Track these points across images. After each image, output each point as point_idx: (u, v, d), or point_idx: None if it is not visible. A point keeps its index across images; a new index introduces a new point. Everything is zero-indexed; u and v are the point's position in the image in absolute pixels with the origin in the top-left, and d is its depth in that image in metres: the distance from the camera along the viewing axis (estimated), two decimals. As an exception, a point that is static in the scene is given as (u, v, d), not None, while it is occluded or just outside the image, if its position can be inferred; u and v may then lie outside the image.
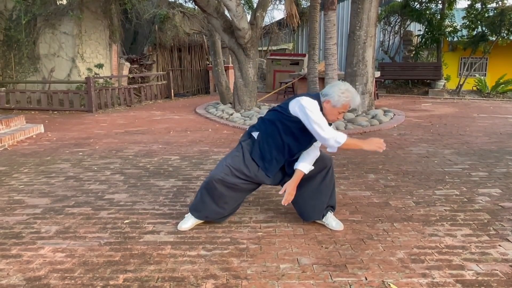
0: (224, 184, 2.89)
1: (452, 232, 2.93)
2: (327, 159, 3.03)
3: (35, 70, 11.42)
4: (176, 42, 15.06)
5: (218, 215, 3.03)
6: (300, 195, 3.02)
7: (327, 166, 3.00)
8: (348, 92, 2.69)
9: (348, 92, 2.69)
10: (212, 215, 3.02)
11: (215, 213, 3.01)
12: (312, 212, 3.03)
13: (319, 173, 2.98)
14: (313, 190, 2.99)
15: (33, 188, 4.09)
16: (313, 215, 3.04)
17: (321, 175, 2.99)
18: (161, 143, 6.20)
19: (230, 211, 3.08)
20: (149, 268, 2.47)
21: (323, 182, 3.00)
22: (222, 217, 3.08)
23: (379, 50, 15.42)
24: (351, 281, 2.30)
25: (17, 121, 7.06)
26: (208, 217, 3.04)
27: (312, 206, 3.01)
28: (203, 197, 2.98)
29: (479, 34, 12.93)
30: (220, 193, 2.91)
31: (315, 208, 3.00)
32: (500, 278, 2.31)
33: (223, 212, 3.02)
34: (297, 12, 12.15)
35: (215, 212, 3.00)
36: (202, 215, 3.03)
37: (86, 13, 11.51)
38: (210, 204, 2.97)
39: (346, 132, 6.84)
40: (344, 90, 2.69)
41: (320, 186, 3.00)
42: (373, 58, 8.63)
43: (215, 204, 2.96)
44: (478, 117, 8.56)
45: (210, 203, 2.97)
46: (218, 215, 3.04)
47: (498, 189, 3.87)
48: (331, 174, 3.04)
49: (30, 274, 2.41)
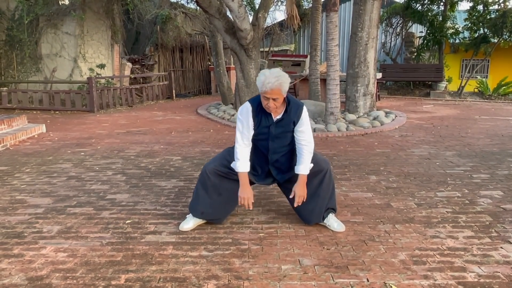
0: (217, 173, 2.95)
1: (454, 234, 2.93)
2: (323, 162, 3.01)
3: (37, 70, 11.44)
4: (178, 43, 15.07)
5: (213, 210, 3.00)
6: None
7: (323, 170, 2.98)
8: (260, 75, 2.69)
9: (260, 75, 2.69)
10: (207, 210, 3.00)
11: (209, 206, 2.98)
12: (310, 215, 3.03)
13: (315, 177, 2.97)
14: (311, 194, 2.97)
15: (35, 187, 4.10)
16: (312, 218, 3.04)
17: (318, 179, 2.98)
18: (162, 144, 6.20)
19: (224, 207, 3.05)
20: (151, 268, 2.47)
21: (320, 185, 2.99)
22: (217, 214, 3.04)
23: (380, 52, 15.42)
24: (352, 282, 2.30)
25: (19, 121, 7.08)
26: (204, 213, 3.01)
27: (311, 210, 3.01)
28: (198, 191, 3.03)
29: (481, 36, 12.93)
30: (213, 183, 2.96)
31: (314, 211, 3.00)
32: (502, 280, 2.31)
33: (217, 206, 3.00)
34: (297, 13, 12.13)
35: (209, 205, 2.98)
36: (198, 211, 3.02)
37: (88, 13, 11.53)
38: (203, 197, 2.98)
39: (348, 133, 6.85)
40: (260, 74, 2.70)
41: (318, 190, 2.98)
42: (375, 60, 8.63)
43: (208, 197, 2.97)
44: (479, 119, 8.55)
45: (203, 196, 2.98)
46: (213, 211, 3.00)
47: (500, 191, 3.87)
48: (329, 177, 3.02)
49: (32, 274, 2.41)
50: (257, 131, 2.88)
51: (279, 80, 2.63)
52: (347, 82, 8.72)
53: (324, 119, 7.60)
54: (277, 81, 2.62)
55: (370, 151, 5.58)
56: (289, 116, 2.82)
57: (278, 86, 2.63)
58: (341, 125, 7.17)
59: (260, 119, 2.84)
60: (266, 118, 2.84)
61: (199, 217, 3.05)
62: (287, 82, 2.70)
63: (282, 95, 2.70)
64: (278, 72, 2.67)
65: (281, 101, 2.73)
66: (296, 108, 2.83)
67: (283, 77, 2.66)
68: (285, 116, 2.83)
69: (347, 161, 5.05)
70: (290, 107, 2.82)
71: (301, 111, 2.83)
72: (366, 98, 8.50)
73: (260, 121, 2.84)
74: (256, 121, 2.84)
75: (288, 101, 2.82)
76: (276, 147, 2.92)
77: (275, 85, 2.62)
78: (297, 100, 2.91)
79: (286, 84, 2.68)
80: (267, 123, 2.85)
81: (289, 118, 2.83)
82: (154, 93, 12.85)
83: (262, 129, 2.86)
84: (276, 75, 2.63)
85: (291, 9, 11.76)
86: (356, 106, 8.49)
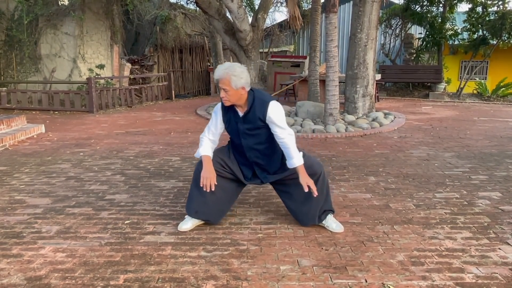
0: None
1: (452, 235, 2.94)
2: (317, 165, 3.00)
3: (37, 70, 11.44)
4: (177, 43, 15.09)
5: (206, 208, 2.98)
6: (293, 201, 3.05)
7: (317, 173, 2.97)
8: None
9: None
10: (201, 209, 2.99)
11: (203, 205, 2.97)
12: (306, 218, 3.03)
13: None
14: (305, 196, 2.95)
15: (34, 188, 4.10)
16: (307, 221, 3.04)
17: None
18: (162, 144, 6.20)
19: (218, 207, 3.04)
20: (149, 268, 2.47)
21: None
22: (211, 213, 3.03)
23: (380, 53, 15.45)
24: (351, 283, 2.31)
25: (18, 121, 7.08)
26: (198, 212, 3.00)
27: (305, 213, 3.01)
28: (191, 190, 3.05)
29: (480, 37, 12.96)
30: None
31: (309, 214, 3.00)
32: (500, 281, 2.32)
33: (211, 204, 2.98)
34: (299, 14, 12.15)
35: (203, 203, 2.97)
36: (192, 210, 3.02)
37: (88, 13, 11.54)
38: (197, 196, 2.98)
39: (347, 134, 6.86)
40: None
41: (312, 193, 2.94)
42: (374, 61, 8.64)
43: (201, 195, 2.96)
44: (478, 120, 8.57)
45: (197, 195, 2.98)
46: (207, 210, 2.99)
47: (498, 192, 3.88)
48: (323, 180, 3.01)
49: (30, 274, 2.41)
50: (229, 129, 3.00)
51: (228, 72, 2.74)
52: (346, 83, 8.73)
53: (323, 120, 7.61)
54: (225, 72, 2.75)
55: (369, 152, 5.59)
56: (254, 112, 2.85)
57: (225, 77, 2.74)
58: (340, 126, 7.18)
59: (230, 116, 2.95)
60: (234, 114, 2.94)
61: (194, 216, 3.04)
62: (239, 77, 2.74)
63: (232, 88, 2.75)
64: (232, 66, 2.78)
65: (234, 94, 2.78)
66: (260, 103, 2.84)
67: (234, 71, 2.74)
68: (250, 112, 2.87)
69: (346, 162, 5.06)
70: (255, 104, 2.84)
71: (266, 107, 2.82)
72: (365, 99, 8.51)
73: (230, 118, 2.95)
74: (226, 117, 2.96)
75: (253, 98, 2.85)
76: (250, 144, 2.94)
77: (222, 75, 2.75)
78: (265, 97, 2.90)
79: (235, 77, 2.73)
80: (235, 119, 2.94)
81: (254, 114, 2.85)
82: (154, 93, 12.85)
83: (232, 125, 2.96)
84: (227, 67, 2.78)
85: (294, 10, 11.77)
86: (355, 107, 8.50)
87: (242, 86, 2.77)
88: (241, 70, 2.76)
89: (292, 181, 2.98)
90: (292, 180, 2.97)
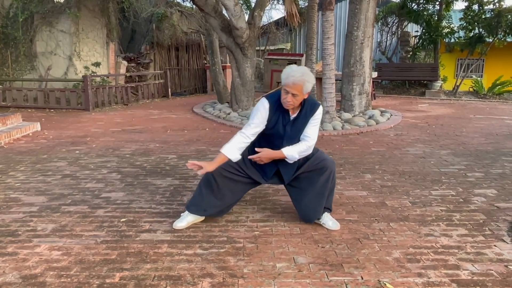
0: (222, 175, 2.94)
1: (448, 232, 2.95)
2: (330, 162, 3.03)
3: (32, 68, 11.38)
4: (173, 41, 15.02)
5: (216, 208, 3.03)
6: (303, 197, 3.03)
7: (329, 168, 2.99)
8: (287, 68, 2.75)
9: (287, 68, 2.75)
10: (210, 209, 3.01)
11: (214, 206, 3.00)
12: (313, 214, 3.03)
13: (321, 176, 2.98)
14: (317, 192, 2.99)
15: (29, 186, 4.08)
16: (313, 217, 3.05)
17: (324, 178, 2.98)
18: (158, 142, 6.19)
19: (227, 205, 3.08)
20: (145, 266, 2.47)
21: (325, 184, 3.00)
22: (219, 211, 3.07)
23: (376, 51, 15.44)
24: (347, 280, 2.31)
25: (13, 119, 7.04)
26: (206, 210, 3.02)
27: (313, 208, 3.02)
28: (202, 190, 3.01)
29: (476, 35, 12.99)
30: (218, 184, 2.95)
31: (316, 210, 3.02)
32: (495, 278, 2.33)
33: (221, 204, 3.02)
34: (297, 11, 12.13)
35: (214, 204, 3.00)
36: (200, 208, 3.02)
37: (84, 11, 11.47)
38: (208, 196, 2.98)
39: (343, 132, 6.86)
40: (287, 67, 2.75)
41: (322, 189, 2.99)
42: (371, 59, 8.64)
43: (213, 196, 2.98)
44: (474, 118, 8.60)
45: (209, 195, 2.98)
46: (216, 208, 3.03)
47: (494, 189, 3.89)
48: (333, 177, 3.04)
49: (26, 272, 2.40)
50: (272, 130, 2.88)
51: (304, 77, 2.66)
52: (342, 81, 8.73)
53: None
54: (302, 77, 2.66)
55: (365, 150, 5.60)
56: (305, 114, 2.86)
57: (300, 83, 2.66)
58: (336, 124, 7.18)
59: (278, 118, 2.86)
60: (284, 116, 2.86)
61: (202, 214, 3.05)
62: (311, 83, 2.72)
63: (303, 94, 2.73)
64: (306, 70, 2.72)
65: (300, 99, 2.76)
66: (311, 105, 2.87)
67: (309, 76, 2.69)
68: (301, 115, 2.86)
69: (342, 159, 5.07)
70: (306, 106, 2.85)
71: (316, 109, 2.87)
72: (362, 97, 8.52)
73: (277, 119, 2.86)
74: (273, 118, 2.85)
75: (303, 101, 2.84)
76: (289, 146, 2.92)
77: (298, 81, 2.65)
78: (314, 100, 2.96)
79: (309, 83, 2.70)
80: (283, 121, 2.86)
81: (305, 116, 2.86)
82: (150, 91, 12.80)
83: (278, 127, 2.87)
84: (303, 72, 2.68)
85: (291, 8, 11.76)
86: (352, 105, 8.51)
87: (309, 91, 2.76)
88: (313, 76, 2.74)
89: (305, 177, 3.01)
90: (305, 176, 3.00)
